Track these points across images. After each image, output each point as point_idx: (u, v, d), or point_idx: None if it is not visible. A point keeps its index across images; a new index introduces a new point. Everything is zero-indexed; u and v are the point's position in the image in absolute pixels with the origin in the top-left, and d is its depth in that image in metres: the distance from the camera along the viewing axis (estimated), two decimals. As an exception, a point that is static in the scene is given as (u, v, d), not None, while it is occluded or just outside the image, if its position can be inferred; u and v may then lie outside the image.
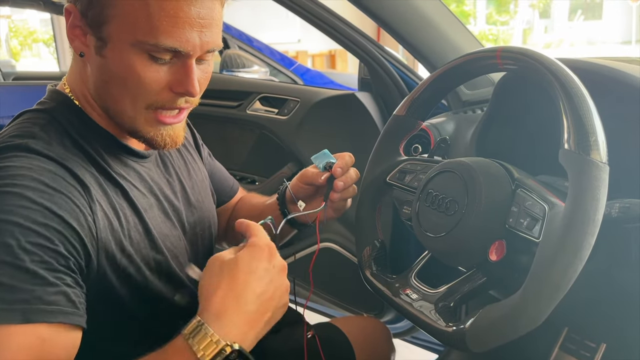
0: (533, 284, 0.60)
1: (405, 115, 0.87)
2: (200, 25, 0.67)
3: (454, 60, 0.80)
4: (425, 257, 0.81)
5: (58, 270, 0.61)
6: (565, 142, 0.61)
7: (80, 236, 0.64)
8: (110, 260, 0.70)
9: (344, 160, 0.88)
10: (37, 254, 0.60)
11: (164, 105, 0.71)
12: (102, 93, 0.72)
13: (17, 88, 2.42)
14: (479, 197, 0.69)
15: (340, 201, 0.90)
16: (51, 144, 0.69)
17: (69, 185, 0.66)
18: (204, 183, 0.96)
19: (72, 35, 0.70)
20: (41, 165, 0.65)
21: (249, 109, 1.69)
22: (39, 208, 0.61)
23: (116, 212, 0.72)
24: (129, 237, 0.73)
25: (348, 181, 0.88)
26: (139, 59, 0.67)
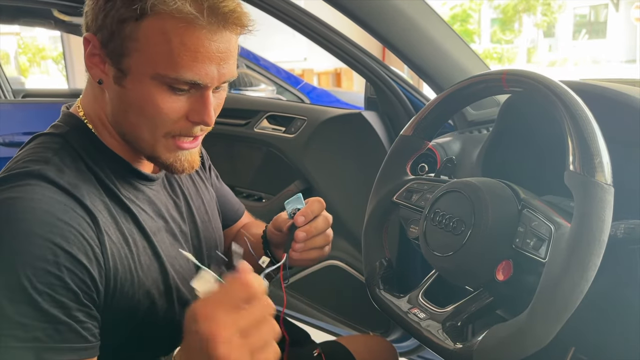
0: (540, 304, 0.60)
1: (412, 135, 0.88)
2: (218, 59, 0.69)
3: (461, 82, 0.81)
4: (433, 276, 0.82)
5: (69, 308, 0.64)
6: (570, 163, 0.63)
7: (88, 270, 0.66)
8: (119, 288, 0.71)
9: (308, 207, 0.84)
10: (49, 294, 0.62)
11: (181, 133, 0.74)
12: (120, 120, 0.74)
13: (28, 106, 2.45)
14: (486, 217, 0.70)
15: (312, 251, 0.85)
16: (63, 170, 0.70)
17: (78, 217, 0.67)
18: (212, 203, 0.97)
19: (91, 62, 0.72)
20: (52, 196, 0.66)
21: (256, 127, 1.71)
22: (50, 245, 0.63)
23: (125, 238, 0.73)
24: (138, 262, 0.74)
25: (311, 231, 0.83)
26: (159, 91, 0.69)
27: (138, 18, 0.66)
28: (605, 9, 15.29)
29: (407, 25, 1.05)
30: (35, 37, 13.95)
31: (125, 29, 0.67)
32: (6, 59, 12.07)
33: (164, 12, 0.65)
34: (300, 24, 1.30)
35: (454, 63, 1.11)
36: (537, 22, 14.86)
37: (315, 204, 0.85)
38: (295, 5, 1.31)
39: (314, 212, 0.84)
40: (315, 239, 0.85)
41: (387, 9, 1.03)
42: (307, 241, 0.84)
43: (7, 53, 12.34)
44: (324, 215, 0.86)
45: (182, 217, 0.87)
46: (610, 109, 0.77)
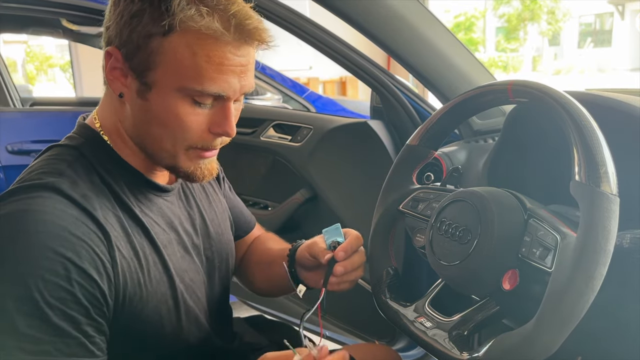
0: (546, 313, 0.61)
1: (418, 145, 0.89)
2: (240, 72, 0.70)
3: (467, 92, 0.82)
4: (439, 285, 0.82)
5: (79, 322, 0.65)
6: (576, 174, 0.63)
7: (99, 285, 0.67)
8: (128, 302, 0.72)
9: (349, 243, 0.85)
10: (60, 308, 0.63)
11: (203, 146, 0.75)
12: (142, 132, 0.75)
13: (36, 114, 2.47)
14: (492, 227, 0.70)
15: (344, 283, 0.87)
16: (77, 182, 0.71)
17: (90, 231, 0.68)
18: (224, 215, 0.98)
19: (112, 76, 0.72)
20: (65, 209, 0.67)
21: (262, 135, 1.72)
22: (61, 260, 0.64)
23: (136, 252, 0.74)
24: (148, 276, 0.75)
25: (349, 267, 0.85)
26: (183, 104, 0.70)
27: (165, 33, 0.67)
28: (610, 17, 15.29)
29: (412, 35, 1.06)
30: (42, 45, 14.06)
31: (151, 44, 0.68)
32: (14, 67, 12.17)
33: (192, 29, 0.67)
34: (306, 33, 1.32)
35: (459, 73, 1.11)
36: (542, 31, 14.88)
37: (355, 239, 0.86)
38: (300, 15, 1.33)
39: (353, 248, 0.85)
40: (350, 274, 0.86)
41: (392, 19, 1.04)
42: (343, 275, 0.85)
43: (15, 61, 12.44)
44: (361, 251, 0.88)
45: (195, 229, 0.88)
46: (616, 119, 0.78)
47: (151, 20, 0.68)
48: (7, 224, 0.65)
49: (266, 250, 1.05)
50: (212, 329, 0.88)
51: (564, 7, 14.53)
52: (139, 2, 0.68)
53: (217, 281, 0.92)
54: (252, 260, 1.06)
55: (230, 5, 0.68)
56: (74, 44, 6.02)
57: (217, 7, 0.67)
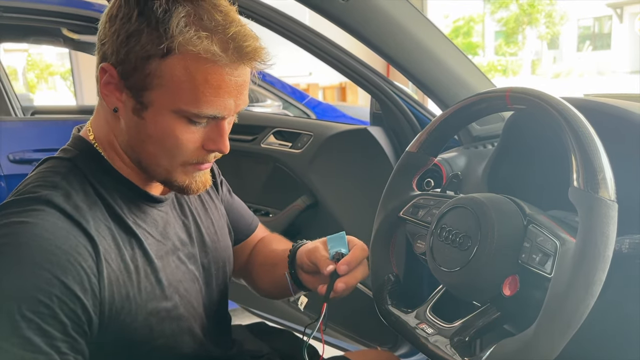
0: (546, 319, 0.61)
1: (417, 152, 0.89)
2: (236, 92, 0.71)
3: (465, 99, 0.83)
4: (440, 291, 0.83)
5: (54, 338, 0.64)
6: (574, 180, 0.64)
7: (81, 301, 0.67)
8: (114, 317, 0.72)
9: (353, 257, 0.84)
10: (35, 322, 0.63)
11: (197, 161, 0.76)
12: (137, 148, 0.75)
13: (37, 123, 2.48)
14: (492, 233, 0.71)
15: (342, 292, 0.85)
16: (70, 195, 0.71)
17: (79, 244, 0.68)
18: (221, 221, 0.98)
19: (106, 90, 0.72)
20: (56, 223, 0.68)
21: (263, 142, 1.72)
22: (45, 274, 0.64)
23: (126, 265, 0.74)
24: (138, 288, 0.75)
25: (351, 282, 0.84)
26: (178, 124, 0.71)
27: (163, 55, 0.68)
28: (609, 20, 15.32)
29: (411, 43, 1.07)
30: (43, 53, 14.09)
31: (149, 65, 0.68)
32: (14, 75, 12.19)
33: (191, 52, 0.67)
34: (305, 41, 1.33)
35: (457, 79, 1.12)
36: (541, 34, 14.91)
37: (360, 252, 0.85)
38: (299, 23, 1.34)
39: (357, 260, 0.84)
40: (350, 287, 0.85)
41: (392, 28, 1.05)
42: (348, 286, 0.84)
43: (16, 69, 12.47)
44: (364, 264, 0.86)
45: (191, 238, 0.88)
46: (613, 125, 0.78)
47: (149, 41, 0.67)
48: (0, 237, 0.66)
49: (270, 251, 1.04)
50: (208, 338, 0.88)
51: (561, 10, 14.57)
52: (136, 22, 0.68)
53: (214, 289, 0.92)
54: (256, 262, 1.06)
55: (229, 26, 0.68)
56: (74, 52, 6.04)
57: (215, 29, 0.67)
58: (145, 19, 0.68)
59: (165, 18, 0.67)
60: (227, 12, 0.70)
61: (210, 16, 0.68)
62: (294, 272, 0.93)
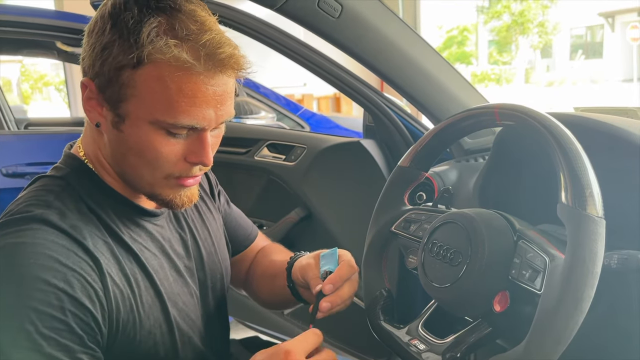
0: (536, 335, 0.61)
1: (409, 166, 0.90)
2: (215, 102, 0.70)
3: (455, 115, 0.84)
4: (432, 307, 0.83)
5: (73, 351, 0.65)
6: (562, 197, 0.64)
7: (92, 313, 0.67)
8: (122, 329, 0.72)
9: (338, 275, 0.83)
10: (54, 339, 0.63)
11: (181, 175, 0.75)
12: (120, 162, 0.75)
13: (31, 137, 2.48)
14: (482, 249, 0.71)
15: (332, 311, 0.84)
16: (65, 213, 0.71)
17: (81, 260, 0.68)
18: (219, 232, 0.98)
19: (89, 106, 0.73)
20: (55, 240, 0.68)
21: (257, 155, 1.73)
22: (54, 290, 0.64)
23: (127, 278, 0.74)
24: (140, 302, 0.75)
25: (336, 301, 0.82)
26: (157, 135, 0.70)
27: (135, 66, 0.67)
28: (601, 29, 15.48)
29: (402, 59, 1.08)
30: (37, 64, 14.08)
31: (122, 76, 0.68)
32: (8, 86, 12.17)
33: (161, 61, 0.66)
34: (297, 54, 1.34)
35: (449, 95, 1.13)
36: (534, 44, 15.04)
37: (346, 268, 0.84)
38: (291, 37, 1.35)
39: (342, 279, 0.83)
40: (339, 306, 0.83)
41: (382, 44, 1.05)
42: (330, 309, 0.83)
43: (10, 80, 12.45)
44: (352, 281, 0.85)
45: (188, 251, 0.88)
46: (600, 140, 0.79)
47: (121, 52, 0.67)
48: None
49: (270, 262, 1.04)
50: (208, 350, 0.88)
51: (554, 20, 14.70)
52: (109, 34, 0.68)
53: (211, 301, 0.92)
54: (256, 273, 1.06)
55: (202, 35, 0.67)
56: (68, 65, 6.03)
57: (187, 37, 0.67)
58: (118, 30, 0.67)
59: (137, 29, 0.66)
60: (204, 21, 0.69)
61: (183, 25, 0.67)
62: (292, 286, 0.93)
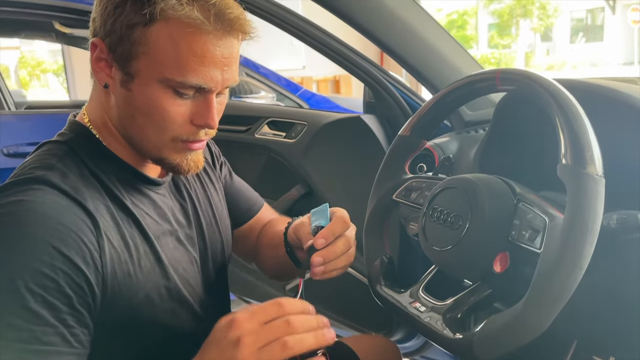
0: (535, 293, 0.62)
1: (409, 135, 0.90)
2: (222, 64, 0.71)
3: (456, 82, 0.84)
4: (433, 271, 0.84)
5: (60, 311, 0.65)
6: (562, 157, 0.65)
7: (85, 275, 0.67)
8: (117, 292, 0.72)
9: (330, 229, 0.80)
10: (42, 295, 0.63)
11: (188, 138, 0.76)
12: (126, 124, 0.76)
13: (31, 117, 2.48)
14: (482, 212, 0.72)
15: (332, 271, 0.82)
16: (67, 175, 0.72)
17: (79, 220, 0.69)
18: (220, 205, 0.98)
19: (97, 67, 0.74)
20: (54, 199, 0.68)
21: (257, 133, 1.73)
22: (48, 248, 0.64)
23: (126, 242, 0.75)
24: (139, 266, 0.75)
25: (329, 256, 0.79)
26: (164, 94, 0.71)
27: (147, 23, 0.68)
28: (601, 12, 15.37)
29: (403, 28, 1.08)
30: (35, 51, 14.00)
31: (134, 34, 0.69)
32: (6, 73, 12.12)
33: (173, 17, 0.68)
34: (300, 31, 1.33)
35: (448, 64, 1.13)
36: (534, 27, 14.93)
37: (338, 223, 0.81)
38: (293, 13, 1.34)
39: (334, 234, 0.80)
40: (334, 262, 0.81)
41: (383, 14, 1.05)
42: (326, 264, 0.80)
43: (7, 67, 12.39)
44: (346, 236, 0.82)
45: (189, 220, 0.88)
46: (601, 104, 0.79)
47: (133, 10, 0.68)
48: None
49: (274, 233, 1.04)
50: (208, 319, 0.88)
51: (554, 3, 14.59)
52: None
53: (211, 271, 0.92)
54: (262, 244, 1.07)
55: None
56: (67, 48, 6.01)
57: None
58: None
59: None
60: None
61: None
62: (290, 251, 0.94)
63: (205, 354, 0.64)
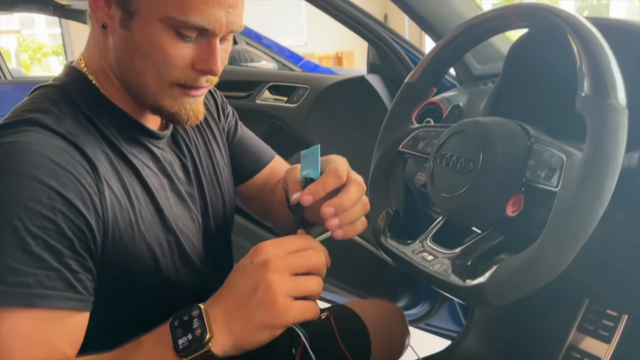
0: (552, 231, 0.58)
1: (417, 82, 0.86)
2: (227, 5, 0.68)
3: (467, 21, 0.79)
4: (440, 222, 0.80)
5: (62, 254, 0.62)
6: (582, 88, 0.61)
7: (85, 218, 0.64)
8: (118, 240, 0.69)
9: (320, 185, 0.68)
10: (42, 238, 0.60)
11: (186, 83, 0.72)
12: (124, 67, 0.72)
13: (29, 85, 2.44)
14: (494, 154, 0.68)
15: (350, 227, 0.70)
16: (62, 119, 0.68)
17: (76, 162, 0.65)
18: (222, 162, 0.94)
19: (95, 6, 0.70)
20: (49, 140, 0.65)
21: (258, 98, 1.69)
22: (45, 189, 0.61)
23: (126, 190, 0.71)
24: (140, 216, 0.72)
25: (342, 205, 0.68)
26: (166, 35, 0.67)
27: None
28: (607, -8, 15.20)
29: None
30: (35, 34, 13.93)
31: None
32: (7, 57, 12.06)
33: None
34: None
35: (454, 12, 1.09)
36: (539, 7, 14.76)
37: (332, 178, 0.69)
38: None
39: (325, 190, 0.68)
40: (350, 212, 0.69)
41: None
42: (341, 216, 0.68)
43: (8, 51, 12.33)
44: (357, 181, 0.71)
45: (189, 177, 0.85)
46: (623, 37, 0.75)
47: None
48: None
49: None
50: (211, 278, 0.85)
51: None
52: None
53: (213, 230, 0.89)
54: (275, 201, 1.02)
55: None
56: (66, 30, 5.98)
57: None
58: None
59: None
60: None
61: None
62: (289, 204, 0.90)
63: (230, 284, 0.61)
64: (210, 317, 0.59)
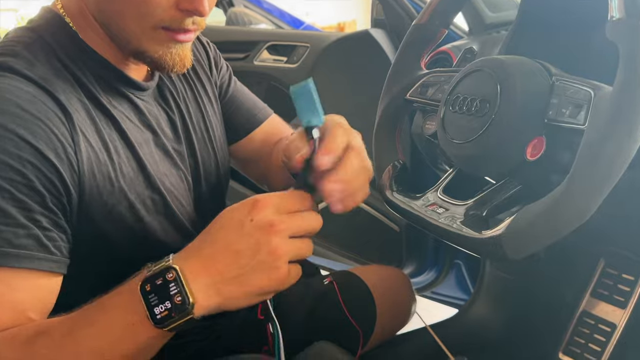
0: (579, 171, 0.52)
1: (426, 22, 0.79)
2: None
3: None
4: (452, 174, 0.74)
5: (31, 210, 0.56)
6: (613, 12, 0.54)
7: (58, 170, 0.58)
8: (96, 197, 0.63)
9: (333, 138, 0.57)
10: (8, 191, 0.54)
11: (171, 26, 0.64)
12: (105, 9, 0.65)
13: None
14: (513, 93, 0.62)
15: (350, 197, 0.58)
16: (34, 64, 0.62)
17: (49, 110, 0.59)
18: (214, 118, 0.87)
19: None
20: (19, 86, 0.59)
21: (256, 59, 1.61)
22: (12, 136, 0.55)
23: (105, 143, 0.65)
24: (120, 171, 0.66)
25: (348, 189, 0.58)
26: None
27: None
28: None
29: None
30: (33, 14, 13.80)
31: None
32: (6, 33, 11.96)
33: None
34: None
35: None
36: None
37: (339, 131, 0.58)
38: None
39: (339, 147, 0.57)
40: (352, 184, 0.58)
41: None
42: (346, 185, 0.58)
43: (7, 30, 12.24)
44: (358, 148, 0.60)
45: (177, 134, 0.78)
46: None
47: None
48: None
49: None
50: None
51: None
52: None
53: (205, 192, 0.82)
54: (273, 165, 0.94)
55: None
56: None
57: None
58: None
59: None
60: None
61: None
62: None
63: (218, 238, 0.53)
64: (188, 278, 0.52)
